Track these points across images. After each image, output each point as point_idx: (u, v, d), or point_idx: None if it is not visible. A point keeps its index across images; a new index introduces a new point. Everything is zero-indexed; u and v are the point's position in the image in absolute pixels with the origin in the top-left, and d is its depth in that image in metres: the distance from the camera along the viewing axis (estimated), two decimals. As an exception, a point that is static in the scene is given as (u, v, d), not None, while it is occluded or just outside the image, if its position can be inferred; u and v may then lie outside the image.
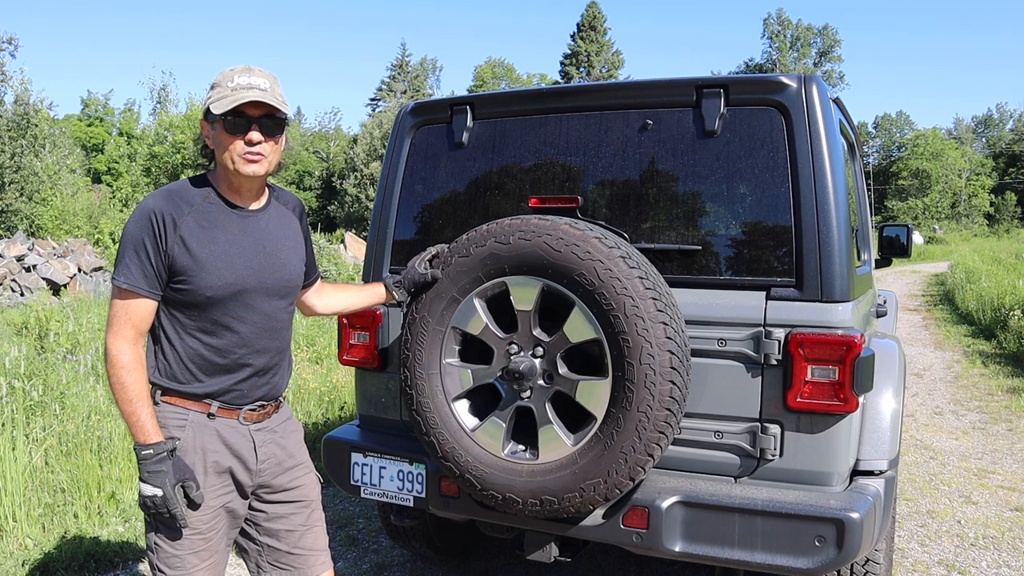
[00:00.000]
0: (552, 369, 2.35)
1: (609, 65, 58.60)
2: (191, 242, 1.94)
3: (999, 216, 60.27)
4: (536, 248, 2.31)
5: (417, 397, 2.49)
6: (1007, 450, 5.67)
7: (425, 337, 2.48)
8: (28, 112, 23.01)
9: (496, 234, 2.38)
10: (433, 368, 2.49)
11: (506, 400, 2.43)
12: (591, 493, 2.30)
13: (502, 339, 2.42)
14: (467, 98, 2.93)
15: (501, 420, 2.42)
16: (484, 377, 2.46)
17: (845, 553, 2.22)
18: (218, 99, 1.93)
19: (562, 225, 2.30)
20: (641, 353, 2.20)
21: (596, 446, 2.28)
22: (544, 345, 2.37)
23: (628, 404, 2.23)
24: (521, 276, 2.35)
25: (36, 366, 5.03)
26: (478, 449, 2.45)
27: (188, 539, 1.99)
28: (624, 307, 2.21)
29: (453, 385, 2.49)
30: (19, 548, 3.71)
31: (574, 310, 2.28)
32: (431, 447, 2.50)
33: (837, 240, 2.34)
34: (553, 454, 2.35)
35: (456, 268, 2.44)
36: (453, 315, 2.46)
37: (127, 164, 35.69)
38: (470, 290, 2.43)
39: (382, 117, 41.07)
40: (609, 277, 2.22)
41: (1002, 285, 12.61)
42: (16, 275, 15.19)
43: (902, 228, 4.45)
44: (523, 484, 2.37)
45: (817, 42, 65.80)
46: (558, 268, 2.28)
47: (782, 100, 2.43)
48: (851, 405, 2.29)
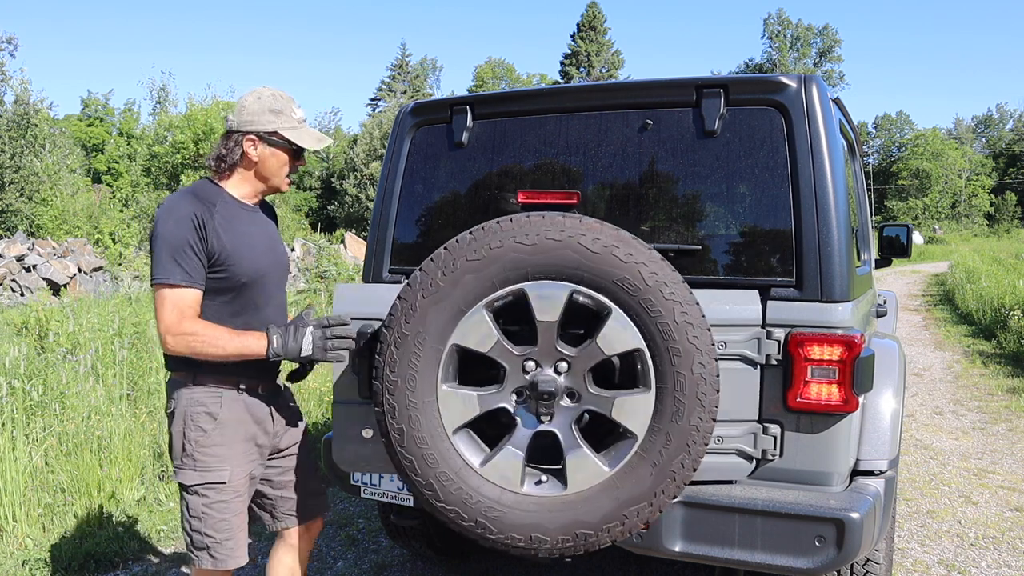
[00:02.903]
0: (579, 386, 2.11)
1: (609, 65, 58.60)
2: (224, 235, 2.20)
3: (999, 216, 60.28)
4: (568, 250, 2.04)
5: (408, 432, 2.11)
6: (1007, 450, 5.67)
7: (419, 358, 2.09)
8: (28, 112, 23.00)
9: (516, 233, 2.07)
10: (428, 395, 2.11)
11: (523, 425, 2.14)
12: (634, 519, 2.10)
13: (518, 356, 2.11)
14: (467, 98, 2.93)
15: (518, 449, 2.12)
16: (494, 401, 2.14)
17: (845, 553, 2.22)
18: (290, 128, 2.28)
19: (596, 224, 2.08)
20: (693, 362, 2.05)
21: (639, 467, 2.09)
22: (569, 360, 2.11)
23: (678, 417, 2.07)
24: (546, 282, 2.07)
25: (36, 366, 5.03)
26: (490, 487, 2.12)
27: (232, 502, 2.27)
28: (674, 313, 2.04)
29: (453, 414, 2.13)
30: (19, 548, 3.71)
31: (610, 319, 2.07)
32: (428, 490, 2.13)
33: (837, 240, 2.34)
34: (586, 482, 2.10)
35: (462, 272, 2.08)
36: (454, 330, 2.10)
37: (127, 164, 35.69)
38: (478, 299, 2.09)
39: (382, 117, 41.07)
40: (656, 281, 2.04)
41: (1002, 285, 12.61)
42: (16, 275, 15.19)
43: (902, 228, 4.45)
44: (552, 520, 2.10)
45: (817, 42, 65.81)
46: (595, 272, 2.05)
47: (782, 100, 2.43)
48: (851, 405, 2.29)
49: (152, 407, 5.13)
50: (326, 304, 10.76)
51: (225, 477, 2.25)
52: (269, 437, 2.38)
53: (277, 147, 2.28)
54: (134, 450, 4.43)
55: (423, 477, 2.12)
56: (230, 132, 2.29)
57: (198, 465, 2.24)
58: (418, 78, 60.95)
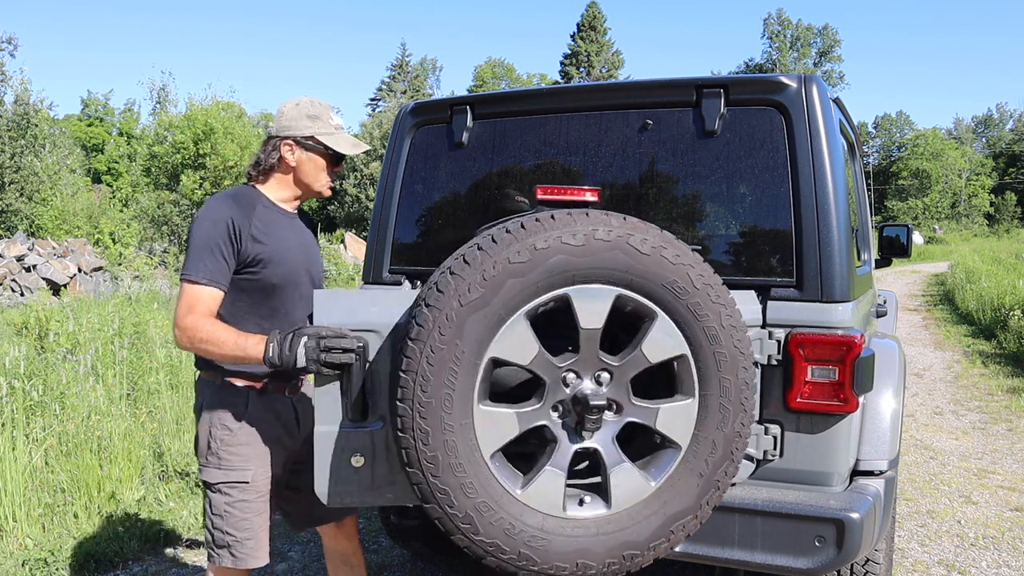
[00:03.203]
0: (621, 397, 1.98)
1: (609, 65, 58.60)
2: (260, 239, 2.24)
3: (999, 216, 60.29)
4: (618, 251, 1.90)
5: (443, 459, 1.86)
6: (1007, 450, 5.67)
7: (456, 375, 1.85)
8: (28, 112, 22.99)
9: (562, 232, 1.89)
10: (465, 417, 1.88)
11: (563, 443, 1.97)
12: (680, 534, 2.02)
13: (558, 367, 1.94)
14: (467, 98, 2.93)
15: (559, 469, 1.96)
16: (534, 419, 1.95)
17: (845, 553, 2.22)
18: (327, 134, 2.32)
19: (641, 224, 1.97)
20: (737, 367, 2.00)
21: (685, 478, 2.00)
22: (612, 369, 1.97)
23: (723, 424, 2.00)
24: (593, 286, 1.91)
25: (36, 366, 5.03)
26: (532, 514, 1.94)
27: (254, 502, 2.29)
28: (720, 317, 1.98)
29: (491, 436, 1.92)
30: (19, 548, 3.71)
31: (655, 324, 1.95)
32: (465, 523, 1.91)
33: (837, 240, 2.34)
34: (630, 499, 1.99)
35: (505, 276, 1.85)
36: (493, 341, 1.88)
37: (127, 164, 35.71)
38: (519, 306, 1.88)
39: (382, 117, 41.07)
40: (703, 284, 1.96)
41: (1002, 285, 12.61)
42: (16, 275, 15.19)
43: (902, 228, 4.45)
44: (598, 543, 1.96)
45: (817, 42, 65.81)
46: (644, 275, 1.92)
47: (782, 100, 2.43)
48: (851, 405, 2.29)
49: (152, 407, 5.13)
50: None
51: (248, 477, 2.27)
52: (294, 440, 2.40)
53: (314, 152, 2.33)
54: (134, 450, 4.43)
55: (460, 509, 1.89)
56: (269, 138, 2.36)
57: (222, 464, 2.27)
58: (418, 78, 60.96)
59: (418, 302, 1.89)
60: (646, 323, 1.96)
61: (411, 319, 1.89)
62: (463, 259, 1.88)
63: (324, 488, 2.05)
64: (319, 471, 2.04)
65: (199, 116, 21.25)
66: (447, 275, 1.88)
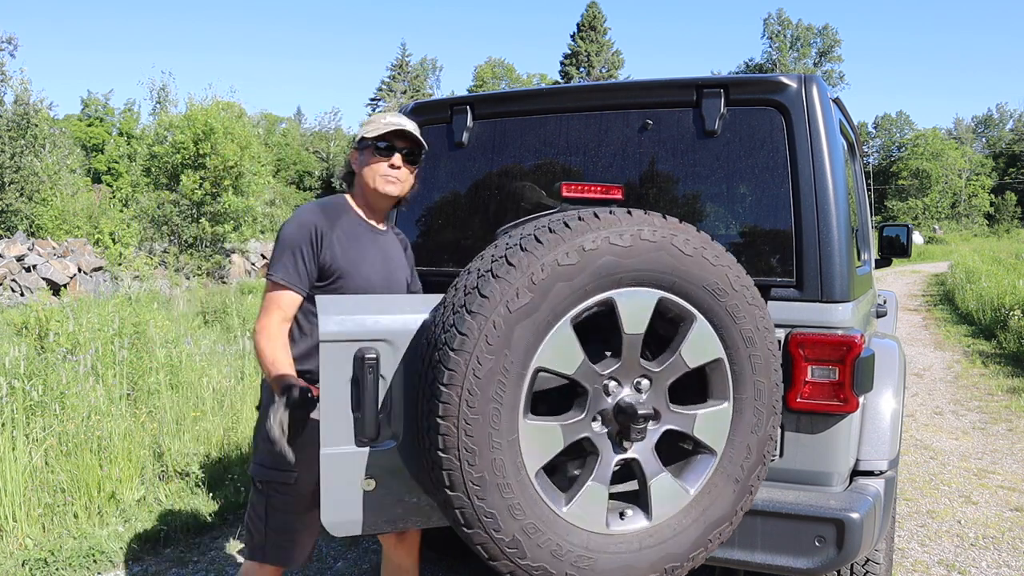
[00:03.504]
0: (660, 404, 1.91)
1: (609, 65, 58.60)
2: (339, 250, 2.28)
3: (999, 216, 60.30)
4: (663, 252, 1.83)
5: (491, 480, 1.73)
6: (1007, 450, 5.67)
7: (505, 388, 1.73)
8: (28, 112, 22.98)
9: (610, 232, 1.79)
10: (511, 433, 1.75)
11: (605, 455, 1.88)
12: (716, 542, 1.98)
13: (600, 375, 1.85)
14: (467, 98, 2.93)
15: (601, 483, 1.86)
16: (578, 431, 1.84)
17: (845, 553, 2.22)
18: (372, 130, 2.34)
19: (681, 224, 1.91)
20: (769, 370, 1.98)
21: (721, 485, 1.96)
22: (652, 376, 1.90)
23: (758, 428, 1.98)
24: (638, 289, 1.83)
25: (36, 366, 5.02)
26: (577, 532, 1.83)
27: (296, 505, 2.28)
28: (756, 319, 1.94)
29: (537, 452, 1.80)
30: (19, 548, 3.71)
31: (694, 327, 1.90)
32: (511, 548, 1.77)
33: (837, 240, 2.34)
34: (670, 509, 1.93)
35: (553, 279, 1.74)
36: (539, 350, 1.76)
37: (127, 164, 35.69)
38: (565, 312, 1.77)
39: (382, 117, 41.02)
40: (740, 285, 1.93)
41: (1002, 285, 12.61)
42: (16, 275, 15.20)
43: (902, 228, 4.45)
44: (641, 558, 1.88)
45: (817, 42, 65.81)
46: (686, 277, 1.86)
47: (782, 100, 2.43)
48: (851, 405, 2.29)
49: (152, 407, 5.13)
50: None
51: (292, 479, 2.27)
52: None
53: (364, 150, 2.37)
54: (134, 450, 4.43)
55: (507, 533, 1.75)
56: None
57: (270, 462, 2.28)
58: (418, 78, 60.97)
59: (456, 309, 1.75)
60: (684, 326, 1.90)
61: (450, 328, 1.73)
62: (506, 261, 1.74)
63: (332, 517, 1.88)
64: (326, 498, 1.86)
65: (199, 116, 21.25)
66: (489, 278, 1.73)
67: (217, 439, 5.05)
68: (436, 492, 1.79)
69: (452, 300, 1.79)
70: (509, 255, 1.76)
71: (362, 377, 1.81)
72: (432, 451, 1.74)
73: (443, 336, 1.73)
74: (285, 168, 48.46)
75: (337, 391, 1.83)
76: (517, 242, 1.79)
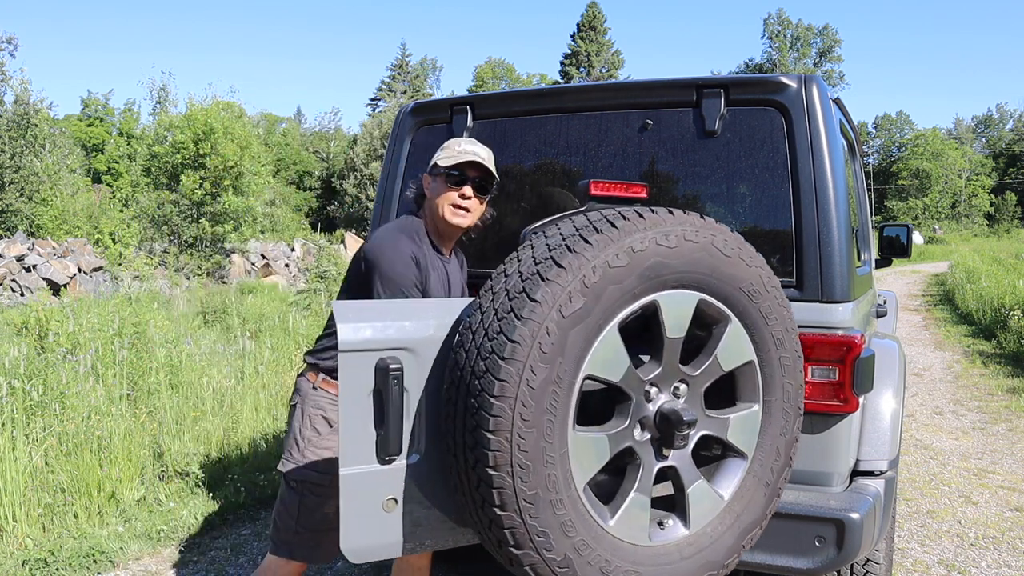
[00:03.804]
0: (697, 408, 1.87)
1: (609, 65, 58.59)
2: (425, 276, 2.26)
3: (999, 216, 60.30)
4: (705, 253, 1.79)
5: (544, 496, 1.63)
6: (1007, 450, 5.67)
7: (558, 398, 1.63)
8: (28, 112, 22.98)
9: (657, 232, 1.73)
10: (562, 446, 1.66)
11: (647, 464, 1.81)
12: (748, 546, 1.96)
13: (643, 381, 1.79)
14: (467, 98, 2.93)
15: (643, 493, 1.80)
16: (621, 441, 1.78)
17: (845, 553, 2.22)
18: (445, 157, 2.31)
19: (717, 223, 1.88)
20: (796, 371, 1.97)
21: (753, 488, 1.94)
22: (688, 380, 1.86)
23: (786, 431, 1.97)
24: (680, 291, 1.78)
25: (36, 366, 5.02)
26: (625, 547, 1.76)
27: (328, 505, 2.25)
28: (785, 320, 1.93)
29: (585, 464, 1.72)
30: (19, 548, 3.71)
31: (729, 330, 1.87)
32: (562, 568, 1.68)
33: (837, 240, 2.34)
34: (706, 517, 1.89)
35: (605, 282, 1.65)
36: (588, 357, 1.67)
37: (127, 164, 35.72)
38: (613, 316, 1.69)
39: (382, 117, 41.09)
40: (772, 286, 1.91)
41: (1002, 285, 12.61)
42: (16, 275, 15.20)
43: (902, 228, 4.45)
44: (683, 569, 1.84)
45: (817, 42, 65.80)
46: (725, 278, 1.83)
47: (782, 100, 2.43)
48: (851, 405, 2.29)
49: (152, 407, 5.13)
50: (325, 304, 10.76)
51: (327, 481, 2.28)
52: None
53: (436, 176, 2.34)
54: (134, 450, 4.43)
55: (558, 552, 1.66)
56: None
57: (306, 463, 2.30)
58: (418, 78, 60.95)
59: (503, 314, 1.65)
60: (719, 329, 1.87)
61: (497, 335, 1.62)
62: (554, 262, 1.65)
63: (353, 543, 1.73)
64: (347, 523, 1.71)
65: (199, 116, 21.25)
66: (538, 281, 1.64)
67: (217, 439, 5.05)
68: (479, 511, 1.68)
69: (493, 305, 1.68)
70: (556, 256, 1.66)
71: (386, 389, 1.69)
72: (479, 468, 1.62)
73: (489, 344, 1.62)
74: (285, 168, 48.47)
75: (358, 405, 1.70)
76: (561, 242, 1.69)
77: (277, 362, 6.58)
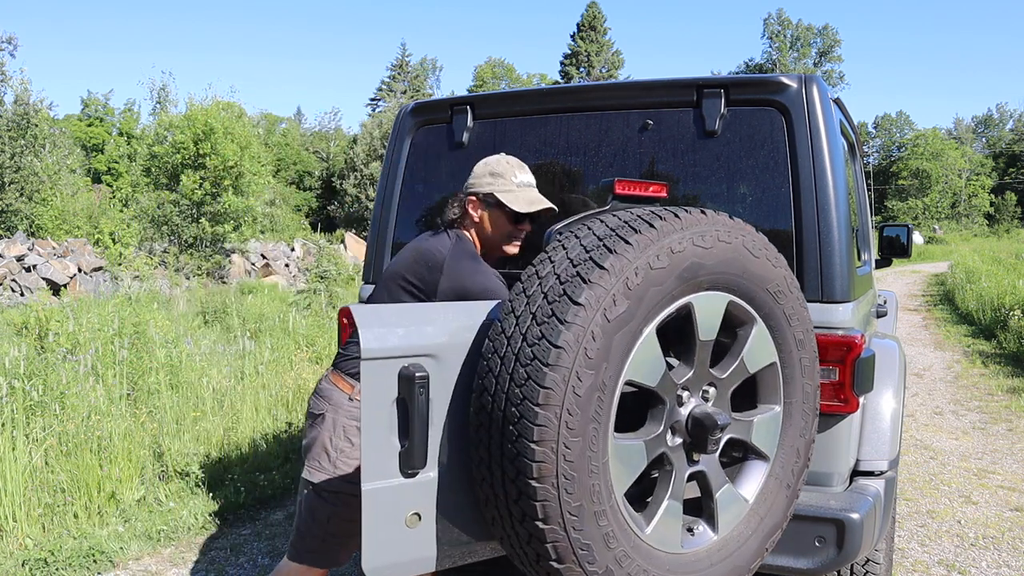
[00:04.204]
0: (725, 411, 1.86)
1: (609, 65, 58.59)
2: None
3: (999, 216, 60.31)
4: (737, 254, 1.77)
5: (588, 508, 1.59)
6: (1007, 450, 5.67)
7: (603, 405, 1.59)
8: (28, 112, 22.99)
9: (693, 233, 1.71)
10: (604, 455, 1.62)
11: (679, 469, 1.79)
12: (770, 549, 1.96)
13: (676, 385, 1.78)
14: (467, 98, 2.93)
15: (676, 500, 1.78)
16: (657, 447, 1.75)
17: (845, 553, 2.22)
18: (506, 191, 2.27)
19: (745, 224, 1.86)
20: (814, 372, 1.98)
21: (775, 490, 1.95)
22: (717, 383, 1.85)
23: (806, 432, 1.97)
24: (713, 293, 1.77)
25: (36, 366, 5.02)
26: (660, 555, 1.73)
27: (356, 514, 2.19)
28: (806, 321, 1.94)
29: (624, 473, 1.69)
30: (19, 548, 3.71)
31: (754, 331, 1.87)
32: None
33: (837, 240, 2.34)
34: (733, 520, 1.89)
35: (647, 284, 1.62)
36: (628, 361, 1.63)
37: (127, 164, 35.73)
38: (652, 319, 1.66)
39: (382, 117, 41.09)
40: (794, 287, 1.93)
41: (1002, 285, 12.61)
42: (16, 275, 15.20)
43: (902, 228, 4.45)
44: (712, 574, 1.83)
45: (817, 42, 65.79)
46: (754, 279, 1.82)
47: (782, 100, 2.43)
48: (851, 405, 2.29)
49: (152, 407, 5.13)
50: (325, 304, 10.76)
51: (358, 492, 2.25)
52: None
53: (494, 208, 2.30)
54: (134, 450, 4.43)
55: (600, 565, 1.61)
56: (456, 194, 2.40)
57: (338, 474, 2.27)
58: (418, 78, 60.94)
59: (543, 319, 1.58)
60: (744, 331, 1.86)
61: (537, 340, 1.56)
62: (595, 263, 1.59)
63: (376, 562, 1.66)
64: (369, 542, 1.64)
65: (199, 116, 21.25)
66: (580, 283, 1.58)
67: (217, 439, 5.05)
68: (516, 525, 1.63)
69: (529, 308, 1.62)
70: (596, 257, 1.60)
71: (411, 398, 1.62)
72: (520, 480, 1.56)
73: (529, 350, 1.56)
74: (285, 168, 48.49)
75: (380, 415, 1.63)
76: (598, 243, 1.64)
77: (277, 362, 6.58)
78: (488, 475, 1.64)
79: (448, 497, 1.73)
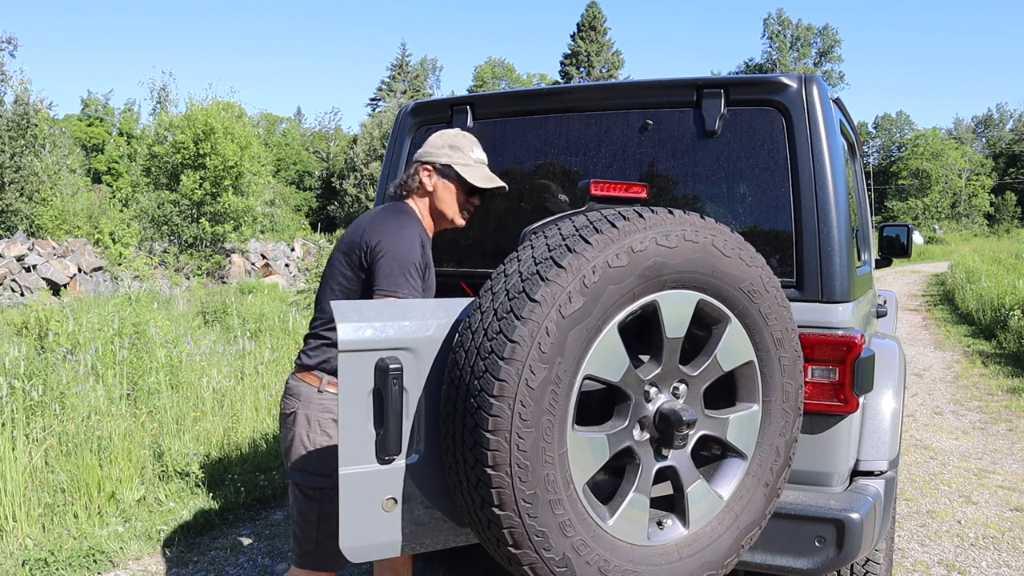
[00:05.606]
0: (696, 408, 1.89)
1: (609, 65, 58.59)
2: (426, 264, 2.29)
3: (999, 216, 60.32)
4: (705, 253, 1.80)
5: (543, 496, 1.65)
6: (1007, 450, 5.67)
7: (557, 398, 1.65)
8: (28, 112, 23.01)
9: (657, 232, 1.74)
10: (561, 446, 1.68)
11: (646, 464, 1.84)
12: (747, 546, 1.98)
13: (643, 381, 1.81)
14: (467, 98, 2.93)
15: (643, 494, 1.83)
16: (621, 441, 1.79)
17: (845, 553, 2.22)
18: (464, 165, 2.36)
19: (718, 224, 1.90)
20: (796, 371, 1.99)
21: (752, 488, 1.97)
22: (688, 380, 1.88)
23: (785, 431, 1.99)
24: (680, 291, 1.79)
25: (36, 366, 5.02)
26: (623, 547, 1.79)
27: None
28: (785, 320, 1.94)
29: (583, 465, 1.74)
30: (19, 548, 3.71)
31: (728, 330, 1.89)
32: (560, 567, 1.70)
33: (837, 240, 2.34)
34: (706, 516, 1.92)
35: (604, 282, 1.67)
36: (587, 357, 1.69)
37: (127, 164, 35.77)
38: (612, 316, 1.71)
39: (382, 117, 41.14)
40: (772, 286, 1.93)
41: (1002, 285, 12.61)
42: (16, 275, 15.20)
43: (902, 228, 4.45)
44: (682, 569, 1.86)
45: (817, 42, 65.80)
46: (725, 278, 1.85)
47: (782, 100, 2.43)
48: (851, 406, 2.29)
49: (152, 407, 5.13)
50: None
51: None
52: None
53: (449, 180, 2.37)
54: (134, 450, 4.43)
55: (557, 551, 1.68)
56: (411, 162, 2.44)
57: (321, 469, 2.24)
58: (418, 78, 60.96)
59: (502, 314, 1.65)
60: (719, 329, 1.88)
61: (496, 335, 1.63)
62: (554, 262, 1.66)
63: (352, 542, 1.75)
64: (345, 522, 1.73)
65: (199, 116, 21.27)
66: (538, 281, 1.64)
67: (217, 439, 5.05)
68: (477, 511, 1.70)
69: (493, 305, 1.68)
70: (556, 256, 1.67)
71: (385, 389, 1.71)
72: (478, 468, 1.64)
73: (488, 344, 1.63)
74: (285, 168, 48.52)
75: (357, 405, 1.71)
76: (561, 242, 1.70)
77: (277, 362, 6.59)
78: (454, 463, 1.72)
79: (423, 484, 1.81)
